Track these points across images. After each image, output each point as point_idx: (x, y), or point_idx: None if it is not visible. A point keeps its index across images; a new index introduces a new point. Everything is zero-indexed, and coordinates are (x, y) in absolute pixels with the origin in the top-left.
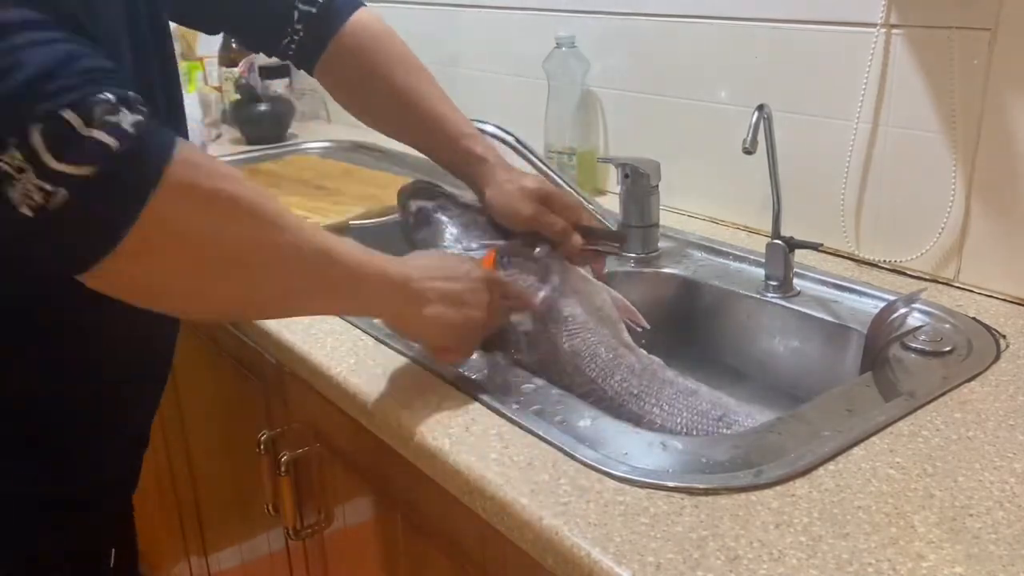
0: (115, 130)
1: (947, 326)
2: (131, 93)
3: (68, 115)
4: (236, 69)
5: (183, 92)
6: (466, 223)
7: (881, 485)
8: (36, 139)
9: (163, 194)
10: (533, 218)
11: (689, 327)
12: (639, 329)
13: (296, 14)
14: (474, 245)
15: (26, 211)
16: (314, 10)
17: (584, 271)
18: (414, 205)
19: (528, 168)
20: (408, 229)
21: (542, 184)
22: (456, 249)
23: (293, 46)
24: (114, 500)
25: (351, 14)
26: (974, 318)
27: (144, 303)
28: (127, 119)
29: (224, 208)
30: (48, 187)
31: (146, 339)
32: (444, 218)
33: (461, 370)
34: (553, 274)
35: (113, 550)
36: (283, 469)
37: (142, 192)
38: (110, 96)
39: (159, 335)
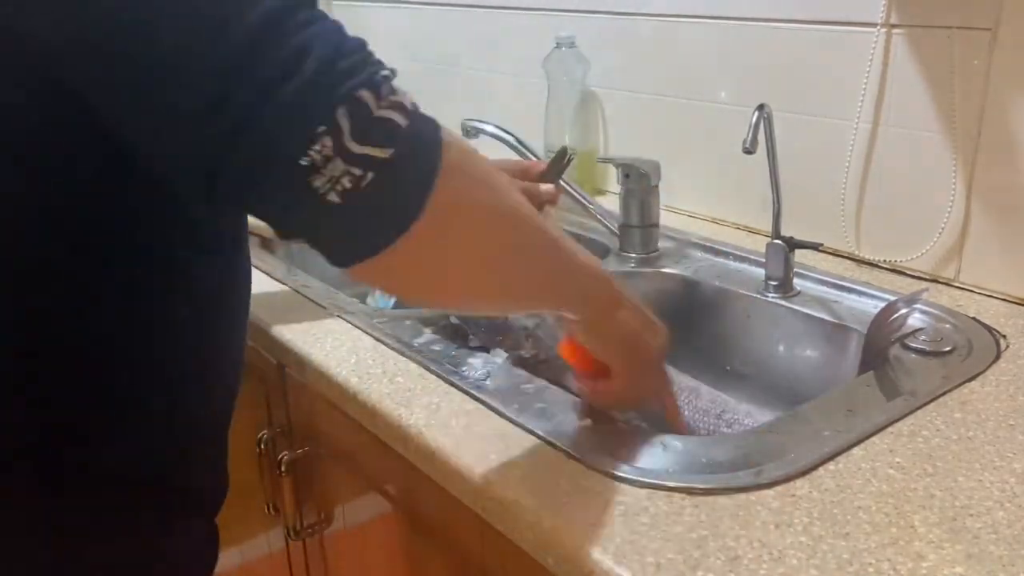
0: (400, 108)
1: (947, 326)
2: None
3: (364, 95)
4: None
5: None
6: None
7: (881, 485)
8: (344, 122)
9: (446, 171)
10: None
11: (689, 327)
12: None
13: None
14: None
15: (334, 198)
16: None
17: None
18: None
19: None
20: None
21: (489, 160)
22: None
23: None
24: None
25: None
26: (974, 318)
27: (415, 292)
28: (405, 97)
29: (495, 185)
30: (357, 171)
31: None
32: None
33: (462, 370)
34: None
35: None
36: (283, 469)
37: (430, 168)
38: (388, 72)
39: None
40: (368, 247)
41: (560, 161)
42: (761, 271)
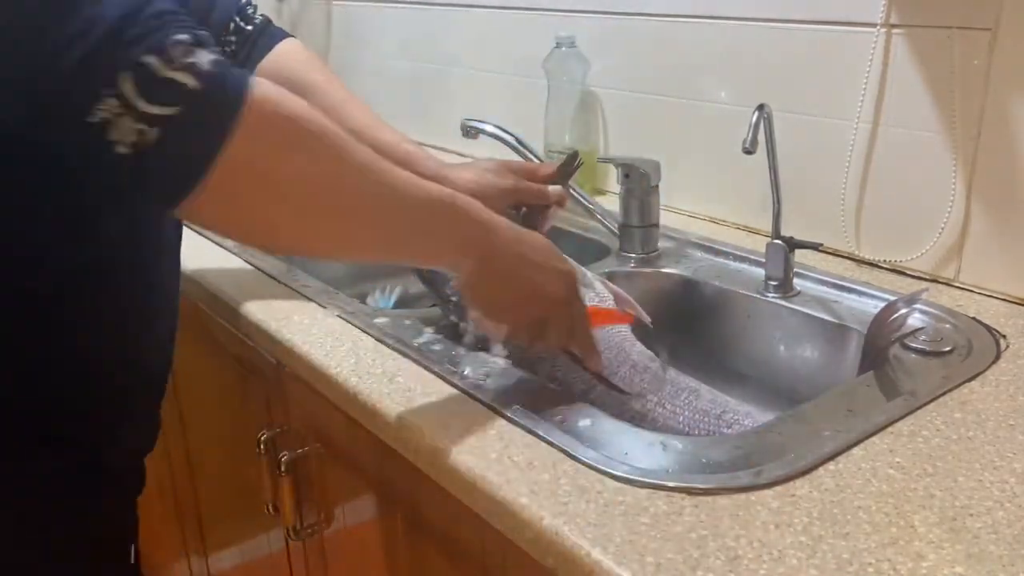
0: (193, 69)
1: (947, 326)
2: (204, 32)
3: (149, 60)
4: None
5: None
6: None
7: (881, 485)
8: (128, 87)
9: (244, 132)
10: (515, 188)
11: (689, 327)
12: (645, 324)
13: (232, 25)
14: None
15: (123, 149)
16: (249, 28)
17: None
18: None
19: None
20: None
21: (498, 160)
22: None
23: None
24: (132, 476)
25: (280, 40)
26: (974, 318)
27: (232, 237)
28: (204, 58)
29: (305, 147)
30: (143, 127)
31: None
32: None
33: (462, 370)
34: None
35: (133, 547)
36: (283, 469)
37: (223, 129)
38: (185, 37)
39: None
40: (169, 196)
41: (570, 164)
42: (761, 271)
